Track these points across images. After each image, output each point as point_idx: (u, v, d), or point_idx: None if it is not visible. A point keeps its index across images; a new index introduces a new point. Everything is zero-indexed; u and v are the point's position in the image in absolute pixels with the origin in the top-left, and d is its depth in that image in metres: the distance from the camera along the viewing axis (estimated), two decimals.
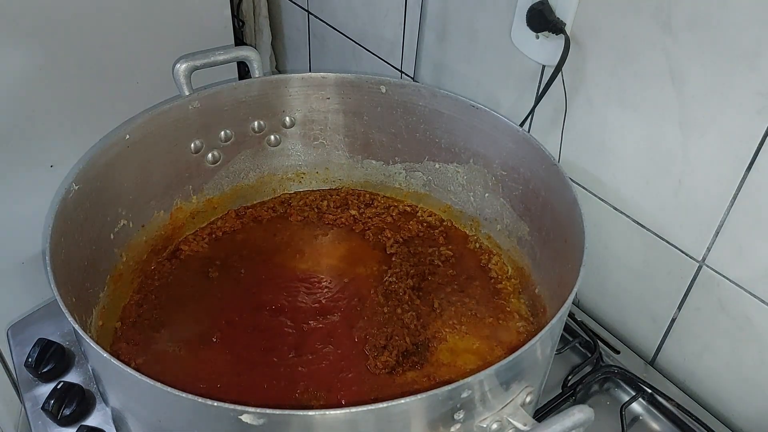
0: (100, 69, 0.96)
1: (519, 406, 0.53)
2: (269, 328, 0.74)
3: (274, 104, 0.87)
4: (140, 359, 0.70)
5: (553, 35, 0.74)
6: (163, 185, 0.82)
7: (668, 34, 0.64)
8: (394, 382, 0.68)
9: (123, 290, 0.77)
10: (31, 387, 0.74)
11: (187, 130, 0.81)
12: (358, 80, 0.86)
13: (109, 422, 0.70)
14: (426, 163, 0.88)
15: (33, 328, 0.81)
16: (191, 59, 0.78)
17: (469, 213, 0.87)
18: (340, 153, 0.93)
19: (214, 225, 0.88)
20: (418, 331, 0.73)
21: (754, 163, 0.63)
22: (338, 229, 0.89)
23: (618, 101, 0.72)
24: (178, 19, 1.01)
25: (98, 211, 0.71)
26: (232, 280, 0.80)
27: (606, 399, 0.76)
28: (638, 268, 0.78)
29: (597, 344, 0.79)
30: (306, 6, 1.17)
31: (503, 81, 0.85)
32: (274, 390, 0.67)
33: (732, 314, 0.70)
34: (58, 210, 0.63)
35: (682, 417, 0.73)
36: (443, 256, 0.84)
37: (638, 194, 0.74)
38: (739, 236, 0.67)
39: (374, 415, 0.47)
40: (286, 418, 0.46)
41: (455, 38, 0.89)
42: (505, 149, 0.78)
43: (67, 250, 0.64)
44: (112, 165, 0.73)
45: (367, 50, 1.07)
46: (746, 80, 0.60)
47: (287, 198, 0.93)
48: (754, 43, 0.59)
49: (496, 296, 0.79)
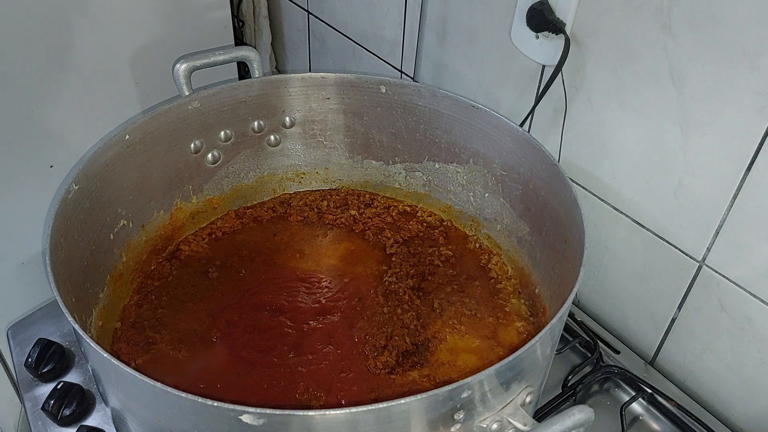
0: (100, 69, 0.96)
1: (519, 407, 0.53)
2: (269, 328, 0.74)
3: (274, 104, 0.87)
4: (140, 359, 0.70)
5: (553, 35, 0.74)
6: (163, 185, 0.82)
7: (668, 34, 0.64)
8: (394, 382, 0.68)
9: (123, 290, 0.77)
10: (31, 387, 0.74)
11: (187, 130, 0.81)
12: (358, 80, 0.86)
13: (109, 422, 0.70)
14: (426, 163, 0.88)
15: (33, 328, 0.81)
16: (191, 59, 0.78)
17: (469, 213, 0.87)
18: (340, 153, 0.93)
19: (214, 225, 0.88)
20: (418, 331, 0.73)
21: (754, 163, 0.63)
22: (338, 229, 0.89)
23: (618, 101, 0.72)
24: (178, 19, 1.01)
25: (98, 211, 0.71)
26: (232, 280, 0.80)
27: (606, 399, 0.76)
28: (638, 268, 0.78)
29: (597, 344, 0.79)
30: (306, 6, 1.17)
31: (503, 81, 0.85)
32: (274, 390, 0.67)
33: (732, 314, 0.70)
34: (58, 210, 0.63)
35: (682, 417, 0.73)
36: (443, 256, 0.84)
37: (638, 194, 0.74)
38: (739, 236, 0.67)
39: (374, 415, 0.47)
40: (286, 418, 0.46)
41: (455, 38, 0.89)
42: (505, 149, 0.78)
43: (67, 250, 0.64)
44: (112, 165, 0.73)
45: (367, 50, 1.07)
46: (746, 80, 0.60)
47: (287, 198, 0.93)
48: (754, 43, 0.59)
49: (496, 296, 0.79)
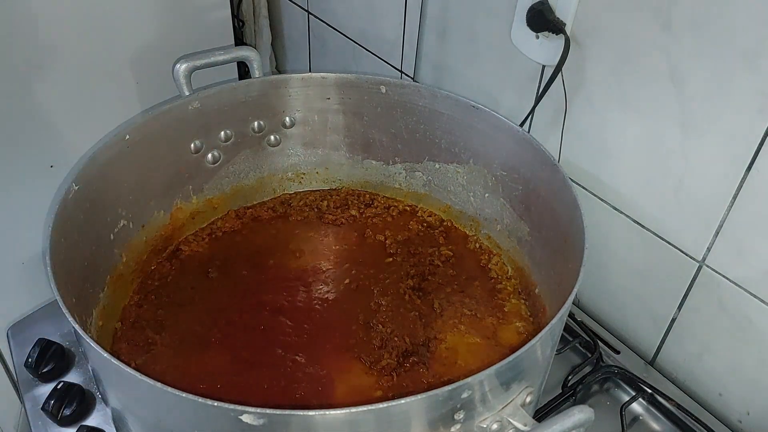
0: (100, 69, 0.96)
1: (519, 407, 0.53)
2: (269, 328, 0.73)
3: (274, 104, 0.87)
4: (140, 359, 0.70)
5: (553, 35, 0.74)
6: (163, 185, 0.82)
7: (668, 34, 0.64)
8: (394, 382, 0.68)
9: (123, 290, 0.77)
10: (31, 387, 0.74)
11: (187, 130, 0.81)
12: (358, 80, 0.86)
13: (109, 422, 0.70)
14: (426, 163, 0.88)
15: (33, 328, 0.81)
16: (191, 59, 0.78)
17: (469, 213, 0.87)
18: (340, 153, 0.93)
19: (214, 225, 0.88)
20: (418, 332, 0.73)
21: (754, 163, 0.63)
22: (338, 229, 0.89)
23: (618, 101, 0.72)
24: (179, 19, 1.01)
25: (98, 211, 0.71)
26: (232, 280, 0.80)
27: (606, 399, 0.76)
28: (638, 268, 0.78)
29: (597, 344, 0.79)
30: (306, 6, 1.17)
31: (503, 81, 0.85)
32: (274, 390, 0.67)
33: (732, 314, 0.70)
34: (58, 210, 0.63)
35: (682, 417, 0.73)
36: (443, 256, 0.84)
37: (638, 194, 0.74)
38: (739, 236, 0.67)
39: (374, 415, 0.47)
40: (286, 418, 0.46)
41: (455, 38, 0.89)
42: (505, 149, 0.78)
43: (67, 250, 0.64)
44: (112, 165, 0.73)
45: (367, 50, 1.07)
46: (746, 80, 0.60)
47: (287, 198, 0.93)
48: (754, 43, 0.59)
49: (495, 296, 0.79)
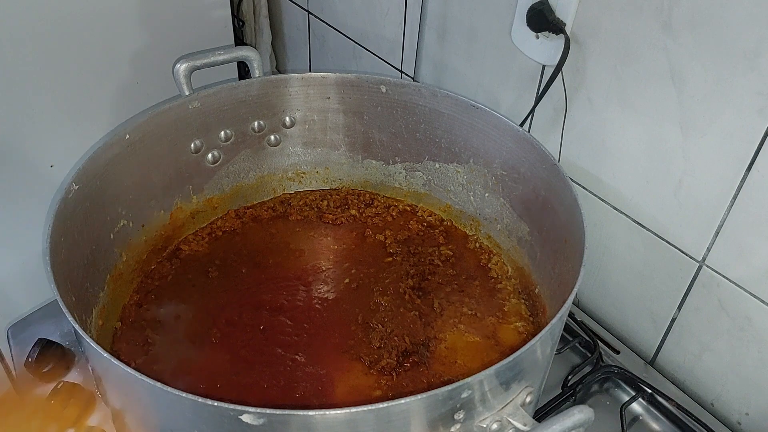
0: (100, 69, 0.96)
1: (519, 406, 0.53)
2: (269, 327, 0.74)
3: (274, 104, 0.87)
4: (140, 359, 0.70)
5: (553, 35, 0.74)
6: (163, 185, 0.82)
7: (668, 34, 0.64)
8: (393, 381, 0.68)
9: (123, 290, 0.77)
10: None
11: (187, 130, 0.81)
12: (358, 80, 0.86)
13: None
14: (426, 162, 0.88)
15: (33, 328, 0.81)
16: (191, 59, 0.78)
17: (469, 213, 0.87)
18: (340, 153, 0.93)
19: (214, 225, 0.88)
20: (418, 331, 0.73)
21: (754, 163, 0.63)
22: (338, 229, 0.89)
23: (618, 101, 0.72)
24: (178, 19, 1.01)
25: (98, 211, 0.71)
26: (231, 280, 0.80)
27: (606, 399, 0.76)
28: (638, 268, 0.78)
29: (597, 344, 0.79)
30: (306, 6, 1.17)
31: (503, 81, 0.85)
32: (274, 390, 0.67)
33: (732, 314, 0.70)
34: (58, 210, 0.63)
35: (682, 417, 0.73)
36: (443, 256, 0.84)
37: (638, 194, 0.74)
38: (739, 236, 0.67)
39: (374, 415, 0.47)
40: (286, 418, 0.46)
41: (455, 38, 0.89)
42: (505, 149, 0.78)
43: (67, 250, 0.64)
44: (112, 165, 0.73)
45: (367, 50, 1.07)
46: (746, 80, 0.60)
47: (287, 198, 0.93)
48: (754, 43, 0.59)
49: (495, 296, 0.79)
